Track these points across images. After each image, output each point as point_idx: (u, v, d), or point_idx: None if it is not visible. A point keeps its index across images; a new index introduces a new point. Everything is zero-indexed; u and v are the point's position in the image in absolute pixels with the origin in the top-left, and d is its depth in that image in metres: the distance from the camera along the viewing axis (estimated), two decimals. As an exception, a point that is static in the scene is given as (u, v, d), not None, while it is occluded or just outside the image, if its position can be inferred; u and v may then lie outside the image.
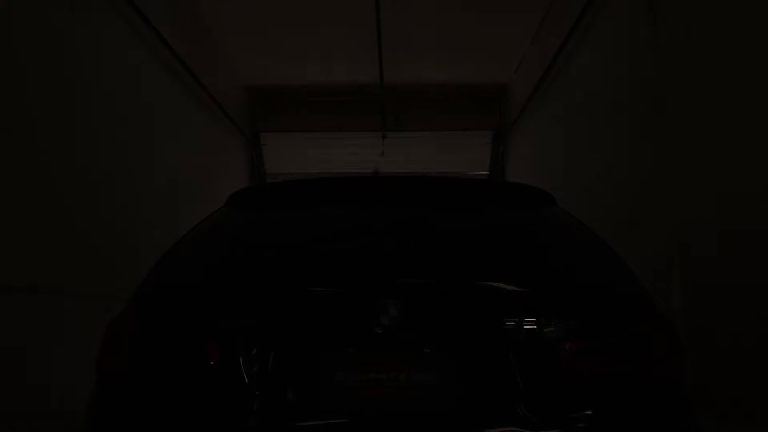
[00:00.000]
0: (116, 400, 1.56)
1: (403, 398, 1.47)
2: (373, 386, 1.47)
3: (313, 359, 1.51)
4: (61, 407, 2.79)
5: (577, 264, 1.80)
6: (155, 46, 4.94)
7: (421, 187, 2.27)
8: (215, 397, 1.48)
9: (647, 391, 1.51)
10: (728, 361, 2.75)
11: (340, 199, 2.17)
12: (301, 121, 8.77)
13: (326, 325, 1.53)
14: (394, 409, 1.47)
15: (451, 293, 1.58)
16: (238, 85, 8.16)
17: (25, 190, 3.30)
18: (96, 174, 4.07)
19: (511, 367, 1.48)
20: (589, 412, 1.47)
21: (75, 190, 3.80)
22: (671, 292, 3.21)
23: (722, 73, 2.90)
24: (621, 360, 1.52)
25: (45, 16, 3.46)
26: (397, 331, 1.48)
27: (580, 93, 4.97)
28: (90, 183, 4.00)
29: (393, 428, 1.46)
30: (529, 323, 1.51)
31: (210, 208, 2.31)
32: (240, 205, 2.21)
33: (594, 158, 4.63)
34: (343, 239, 1.92)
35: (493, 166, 9.18)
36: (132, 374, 1.54)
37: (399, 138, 8.69)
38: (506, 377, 1.48)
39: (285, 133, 8.87)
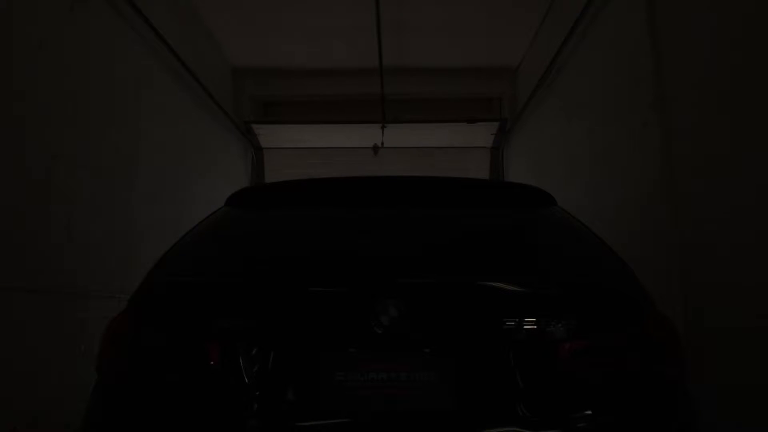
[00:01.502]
0: (116, 401, 1.56)
1: (404, 398, 1.47)
2: (373, 386, 1.47)
3: (313, 359, 1.51)
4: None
5: (576, 264, 1.80)
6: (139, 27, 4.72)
7: (421, 187, 2.27)
8: (215, 397, 1.48)
9: (647, 390, 1.51)
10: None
11: (340, 198, 2.17)
12: (293, 110, 8.27)
13: (326, 325, 1.53)
14: (394, 409, 1.47)
15: (451, 293, 1.58)
16: (224, 67, 7.51)
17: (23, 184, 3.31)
18: (100, 169, 4.07)
19: (511, 367, 1.48)
20: (589, 412, 1.47)
21: (76, 186, 3.80)
22: (672, 292, 3.21)
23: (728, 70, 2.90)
24: (621, 360, 1.52)
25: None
26: (398, 331, 1.48)
27: (584, 87, 4.95)
28: (93, 179, 4.00)
29: (393, 428, 1.46)
30: (529, 323, 1.51)
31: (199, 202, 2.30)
32: (239, 205, 2.21)
33: (595, 155, 4.63)
34: (343, 239, 1.92)
35: (494, 161, 8.83)
36: (132, 374, 1.54)
37: (399, 128, 8.11)
38: (506, 377, 1.48)
39: (278, 125, 8.33)
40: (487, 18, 6.37)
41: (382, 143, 8.25)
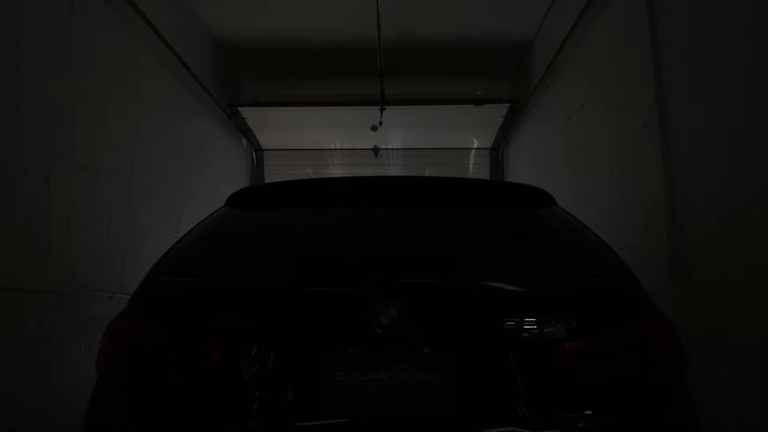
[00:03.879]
0: (116, 400, 1.56)
1: (403, 398, 1.47)
2: (373, 386, 1.47)
3: (313, 359, 1.51)
4: None
5: (576, 264, 1.80)
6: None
7: (421, 187, 2.27)
8: (215, 397, 1.48)
9: (647, 390, 1.51)
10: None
11: (340, 198, 2.18)
12: (284, 93, 7.44)
13: (326, 325, 1.53)
14: (394, 409, 1.47)
15: (451, 293, 1.58)
16: (207, 43, 6.57)
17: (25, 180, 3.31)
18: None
19: (511, 367, 1.48)
20: (589, 412, 1.47)
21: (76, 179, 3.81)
22: (671, 292, 3.21)
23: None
24: (621, 360, 1.52)
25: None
26: (397, 331, 1.48)
27: (584, 87, 4.95)
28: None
29: (393, 429, 1.46)
30: (529, 323, 1.51)
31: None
32: (240, 205, 2.21)
33: (595, 155, 4.63)
34: (343, 239, 1.92)
35: (496, 147, 8.28)
36: (132, 374, 1.54)
37: (399, 110, 7.27)
38: (506, 377, 1.48)
39: (267, 107, 7.52)
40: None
41: (381, 123, 7.51)
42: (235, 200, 2.24)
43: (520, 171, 7.47)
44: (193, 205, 5.85)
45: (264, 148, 8.65)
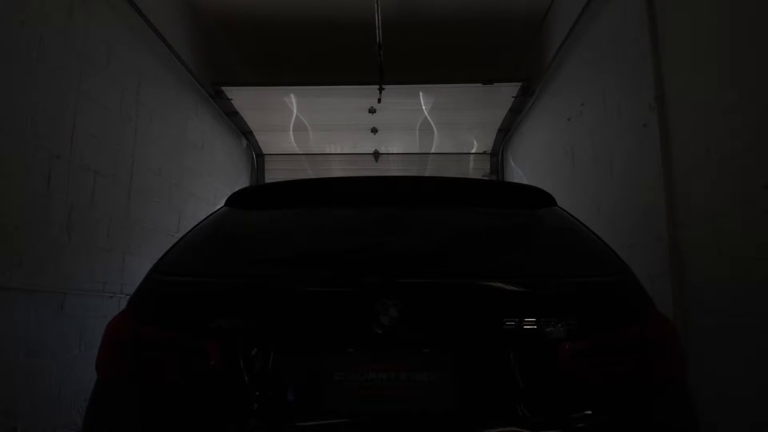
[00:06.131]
0: (116, 400, 1.56)
1: (403, 398, 1.47)
2: (373, 386, 1.47)
3: (313, 359, 1.51)
4: None
5: (576, 264, 1.80)
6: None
7: (422, 187, 2.27)
8: (215, 397, 1.48)
9: (647, 390, 1.51)
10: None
11: (340, 199, 2.18)
12: (272, 70, 6.81)
13: (326, 325, 1.53)
14: (394, 409, 1.47)
15: (451, 293, 1.58)
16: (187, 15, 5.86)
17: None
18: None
19: (511, 367, 1.48)
20: (589, 412, 1.47)
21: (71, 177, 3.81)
22: (670, 292, 3.21)
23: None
24: (621, 360, 1.52)
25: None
26: (397, 331, 1.48)
27: (584, 87, 4.95)
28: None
29: (393, 428, 1.46)
30: (529, 323, 1.51)
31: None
32: (240, 205, 2.21)
33: (595, 155, 4.63)
34: (343, 239, 1.92)
35: (502, 132, 7.82)
36: (132, 374, 1.54)
37: (399, 90, 6.67)
38: (506, 377, 1.48)
39: (254, 87, 6.91)
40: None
41: (379, 100, 6.89)
42: (235, 200, 2.24)
43: (526, 155, 7.39)
44: (193, 204, 5.85)
45: (253, 129, 8.22)
